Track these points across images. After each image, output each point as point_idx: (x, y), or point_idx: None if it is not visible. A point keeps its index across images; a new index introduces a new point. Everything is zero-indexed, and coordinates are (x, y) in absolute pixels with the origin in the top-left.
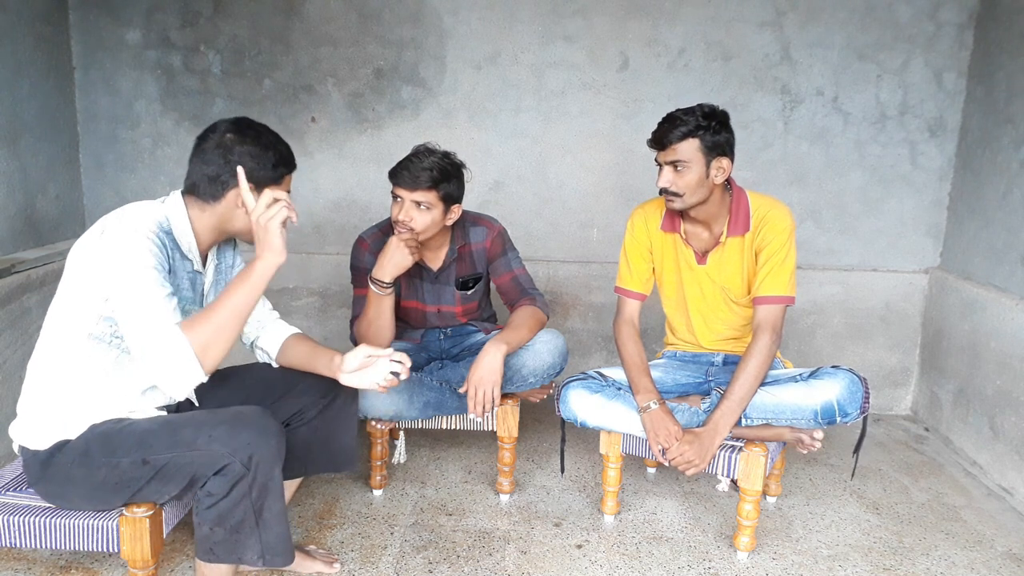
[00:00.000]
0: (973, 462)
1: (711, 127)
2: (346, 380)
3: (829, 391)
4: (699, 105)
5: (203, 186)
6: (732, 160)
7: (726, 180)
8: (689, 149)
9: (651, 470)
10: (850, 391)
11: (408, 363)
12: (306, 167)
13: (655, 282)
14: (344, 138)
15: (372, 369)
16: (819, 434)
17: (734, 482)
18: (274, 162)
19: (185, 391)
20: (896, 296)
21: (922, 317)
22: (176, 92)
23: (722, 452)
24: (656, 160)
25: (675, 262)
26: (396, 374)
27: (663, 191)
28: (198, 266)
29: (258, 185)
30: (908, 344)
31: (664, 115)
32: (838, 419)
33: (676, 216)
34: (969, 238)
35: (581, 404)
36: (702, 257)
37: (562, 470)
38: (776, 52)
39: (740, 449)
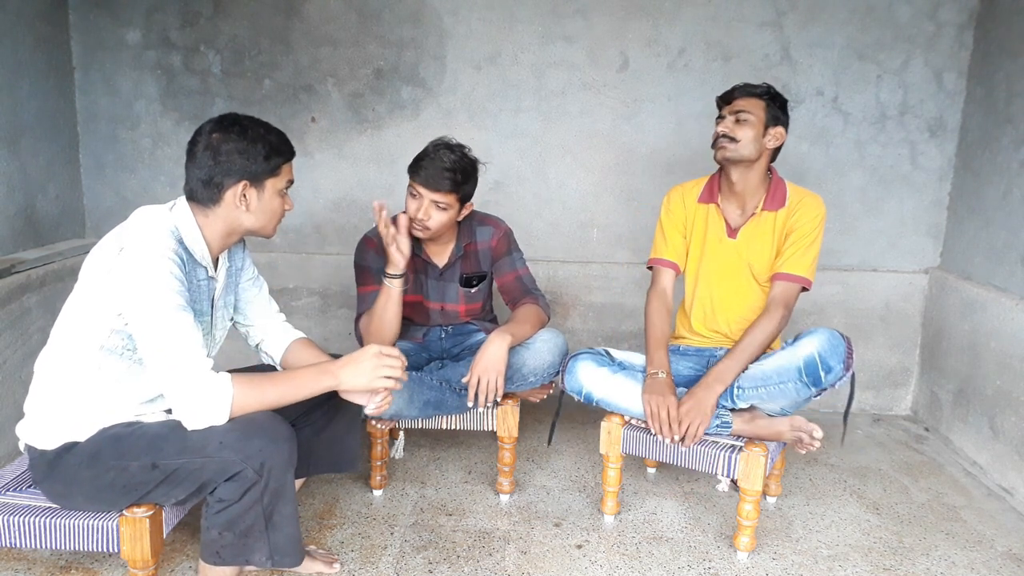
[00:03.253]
0: (973, 462)
1: (777, 100)
2: (342, 394)
3: (809, 346)
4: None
5: (199, 191)
6: (786, 135)
7: (770, 162)
8: (755, 106)
9: (651, 470)
10: (831, 344)
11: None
12: (306, 167)
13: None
14: (344, 138)
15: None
16: (819, 433)
17: (734, 482)
18: (265, 154)
19: (199, 428)
20: (896, 296)
21: (922, 317)
22: (176, 92)
23: (722, 452)
24: (720, 114)
25: (703, 236)
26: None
27: (720, 136)
28: (211, 272)
29: (255, 179)
30: (908, 344)
31: None
32: (823, 375)
33: (715, 188)
34: (969, 238)
35: (588, 375)
36: (733, 232)
37: (549, 441)
38: (776, 52)
39: (740, 449)
